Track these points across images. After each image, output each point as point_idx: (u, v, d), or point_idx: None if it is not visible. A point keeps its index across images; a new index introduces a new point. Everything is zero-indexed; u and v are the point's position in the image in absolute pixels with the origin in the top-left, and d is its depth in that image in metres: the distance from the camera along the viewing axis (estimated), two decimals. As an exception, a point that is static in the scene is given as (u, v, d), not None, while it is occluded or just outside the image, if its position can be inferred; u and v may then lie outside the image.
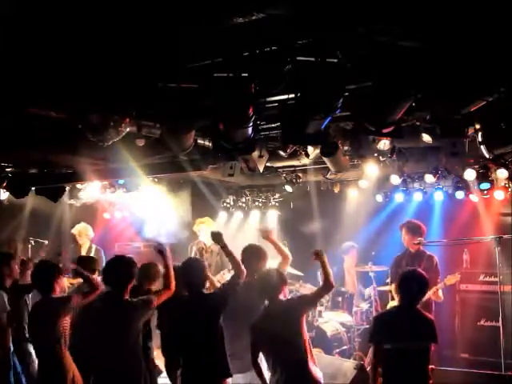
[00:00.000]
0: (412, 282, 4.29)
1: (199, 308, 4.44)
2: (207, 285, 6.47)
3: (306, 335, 4.35)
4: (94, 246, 8.14)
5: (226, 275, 7.06)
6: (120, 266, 4.46)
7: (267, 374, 4.37)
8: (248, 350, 4.38)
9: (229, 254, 4.67)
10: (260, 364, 4.38)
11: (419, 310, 4.29)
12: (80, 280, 5.33)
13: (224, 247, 4.70)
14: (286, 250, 5.40)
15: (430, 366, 4.24)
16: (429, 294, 6.20)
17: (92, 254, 7.97)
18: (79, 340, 4.58)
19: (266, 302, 4.48)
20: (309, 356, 4.29)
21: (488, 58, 3.78)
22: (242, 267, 4.60)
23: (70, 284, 6.19)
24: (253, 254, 5.13)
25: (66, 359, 4.43)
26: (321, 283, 4.65)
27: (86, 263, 5.54)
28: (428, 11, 3.34)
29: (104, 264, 7.62)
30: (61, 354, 4.40)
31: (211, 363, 4.37)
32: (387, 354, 4.15)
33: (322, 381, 4.37)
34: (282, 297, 4.48)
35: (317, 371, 4.32)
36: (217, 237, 4.76)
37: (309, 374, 4.25)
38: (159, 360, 5.10)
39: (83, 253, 8.06)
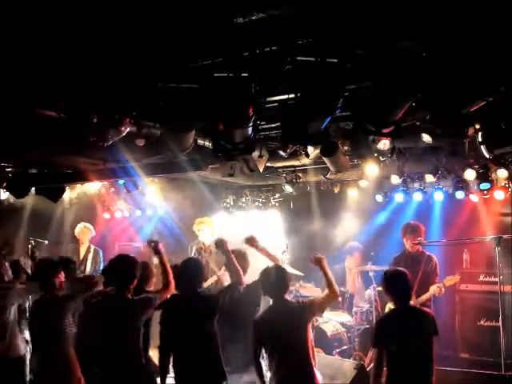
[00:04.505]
0: (398, 281, 4.28)
1: (194, 308, 4.44)
2: (210, 282, 6.53)
3: (311, 339, 4.35)
4: (92, 247, 8.14)
5: (227, 274, 7.09)
6: (124, 266, 4.46)
7: (267, 373, 4.37)
8: (242, 352, 4.39)
9: (230, 261, 4.69)
10: (262, 363, 4.38)
11: (416, 307, 4.30)
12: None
13: (226, 253, 4.71)
14: (275, 254, 5.36)
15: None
16: (430, 294, 6.22)
17: (90, 255, 7.98)
18: (81, 337, 4.60)
19: (271, 301, 4.46)
20: (311, 359, 4.29)
21: (488, 58, 3.78)
22: (242, 274, 4.62)
23: None
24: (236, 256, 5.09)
25: (70, 356, 4.49)
26: (325, 290, 4.63)
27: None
28: (428, 11, 3.35)
29: (102, 264, 7.74)
30: (65, 350, 4.46)
31: (206, 365, 4.37)
32: (392, 355, 4.14)
33: (321, 382, 4.37)
34: (287, 296, 4.47)
35: (317, 374, 4.32)
36: (220, 244, 4.79)
37: (310, 376, 4.25)
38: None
39: (82, 253, 8.08)
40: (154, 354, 4.94)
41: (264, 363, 4.39)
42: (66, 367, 4.53)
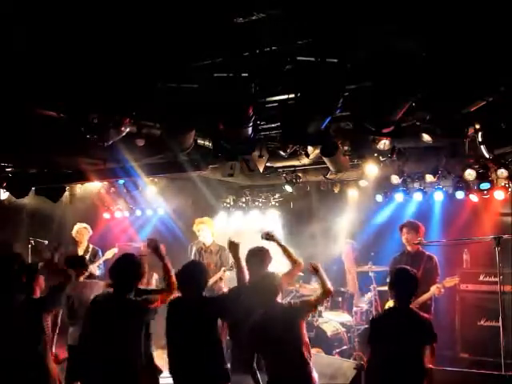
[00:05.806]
0: (405, 281, 4.29)
1: (198, 311, 4.43)
2: (213, 281, 6.56)
3: (306, 338, 4.36)
4: (91, 246, 8.14)
5: (227, 273, 7.11)
6: (130, 266, 4.44)
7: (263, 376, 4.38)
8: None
9: (239, 265, 4.73)
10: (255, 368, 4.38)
11: (415, 311, 4.29)
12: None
13: (237, 258, 4.74)
14: (295, 255, 5.27)
15: (429, 366, 4.24)
16: (430, 294, 6.22)
17: (89, 254, 7.98)
18: (82, 337, 4.61)
19: (264, 305, 4.47)
20: (308, 359, 4.29)
21: (488, 58, 3.79)
22: (246, 279, 4.66)
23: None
24: (255, 256, 5.08)
25: (48, 359, 4.48)
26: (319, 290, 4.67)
27: (74, 263, 5.52)
28: (428, 11, 3.35)
29: (102, 263, 7.74)
30: (44, 353, 4.44)
31: (211, 366, 4.37)
32: (384, 354, 4.15)
33: (317, 381, 4.38)
34: (279, 299, 4.47)
35: (314, 372, 4.33)
36: (233, 248, 4.81)
37: (307, 377, 4.25)
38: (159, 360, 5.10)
39: (80, 253, 8.06)
40: (156, 355, 4.96)
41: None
42: (43, 369, 4.50)
